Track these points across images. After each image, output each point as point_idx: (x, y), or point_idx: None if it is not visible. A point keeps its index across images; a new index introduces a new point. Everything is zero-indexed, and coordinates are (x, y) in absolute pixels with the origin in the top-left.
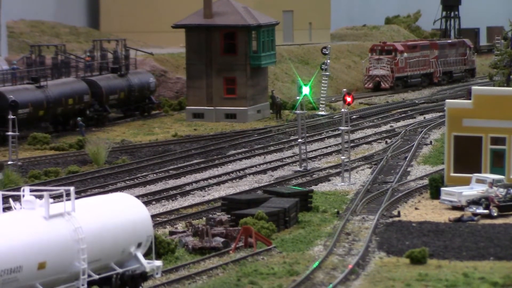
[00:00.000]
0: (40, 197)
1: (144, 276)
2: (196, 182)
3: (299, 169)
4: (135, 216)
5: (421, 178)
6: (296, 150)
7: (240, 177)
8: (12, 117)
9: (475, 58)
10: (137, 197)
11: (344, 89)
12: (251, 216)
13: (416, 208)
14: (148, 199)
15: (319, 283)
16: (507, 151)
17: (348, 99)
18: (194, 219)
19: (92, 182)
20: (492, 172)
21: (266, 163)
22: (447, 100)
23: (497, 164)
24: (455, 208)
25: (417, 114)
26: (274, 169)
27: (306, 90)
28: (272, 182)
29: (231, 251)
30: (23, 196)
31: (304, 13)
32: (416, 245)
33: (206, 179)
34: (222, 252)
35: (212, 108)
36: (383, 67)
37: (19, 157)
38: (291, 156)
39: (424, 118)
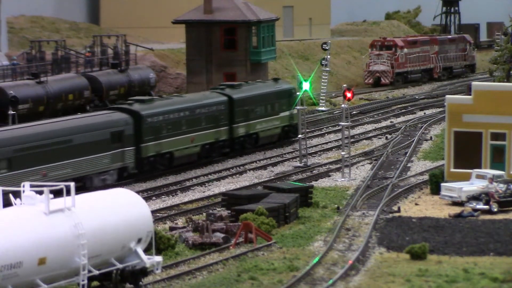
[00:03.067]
0: (40, 192)
1: (144, 271)
2: (196, 177)
3: (299, 164)
4: (135, 211)
5: (421, 173)
6: (296, 145)
7: (240, 173)
8: (12, 112)
9: (475, 54)
10: (137, 192)
11: (344, 85)
12: (251, 211)
13: (416, 204)
14: (148, 195)
15: (319, 278)
16: (507, 147)
17: (348, 94)
18: (194, 215)
19: None
20: (492, 167)
21: (266, 158)
22: (447, 96)
23: (497, 160)
24: (455, 203)
25: (417, 109)
26: (274, 164)
27: (306, 85)
28: (272, 177)
29: (231, 247)
30: (23, 191)
31: (304, 9)
32: (416, 240)
33: (206, 174)
34: (222, 248)
35: None
36: (383, 63)
37: None
38: (291, 152)
39: (424, 113)
